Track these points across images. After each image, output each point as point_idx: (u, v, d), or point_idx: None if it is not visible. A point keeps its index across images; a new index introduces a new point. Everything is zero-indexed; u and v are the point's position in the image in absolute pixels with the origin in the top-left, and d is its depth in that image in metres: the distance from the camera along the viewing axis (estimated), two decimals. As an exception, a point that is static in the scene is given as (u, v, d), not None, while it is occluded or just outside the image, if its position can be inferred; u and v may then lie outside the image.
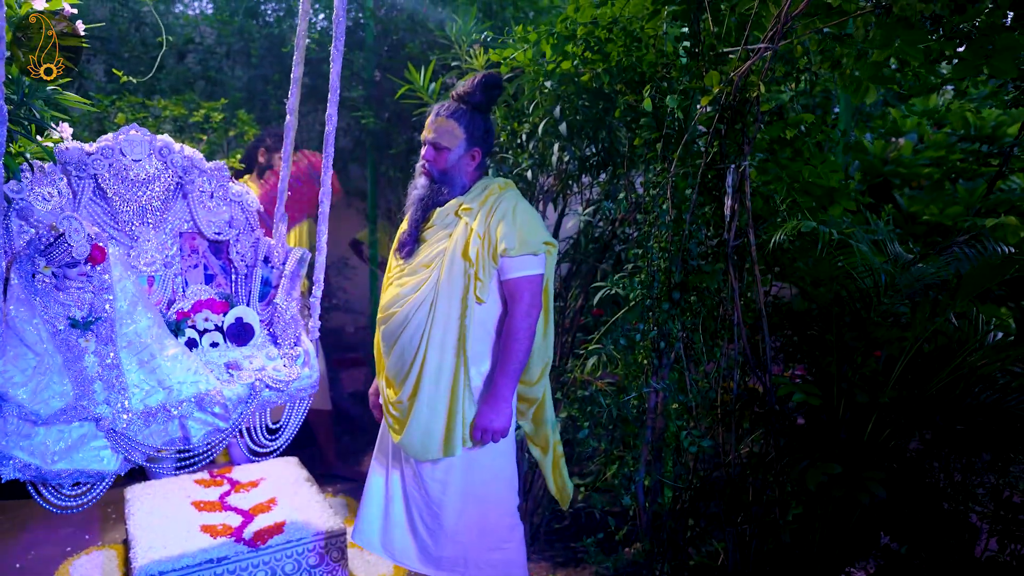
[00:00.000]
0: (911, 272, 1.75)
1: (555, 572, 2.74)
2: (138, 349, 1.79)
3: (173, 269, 2.15)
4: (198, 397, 1.82)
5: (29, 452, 1.61)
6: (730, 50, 1.82)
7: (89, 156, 1.95)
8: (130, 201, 2.03)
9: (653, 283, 1.98)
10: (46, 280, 1.73)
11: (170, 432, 1.80)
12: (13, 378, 1.59)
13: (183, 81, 4.21)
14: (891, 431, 1.89)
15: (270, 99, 4.42)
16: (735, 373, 1.98)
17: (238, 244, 2.21)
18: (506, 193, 1.98)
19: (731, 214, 1.90)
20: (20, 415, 1.59)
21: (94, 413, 1.68)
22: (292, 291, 2.15)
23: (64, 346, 1.71)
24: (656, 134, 1.98)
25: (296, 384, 2.00)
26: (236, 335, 2.13)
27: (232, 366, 2.02)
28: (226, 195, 2.18)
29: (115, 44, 3.99)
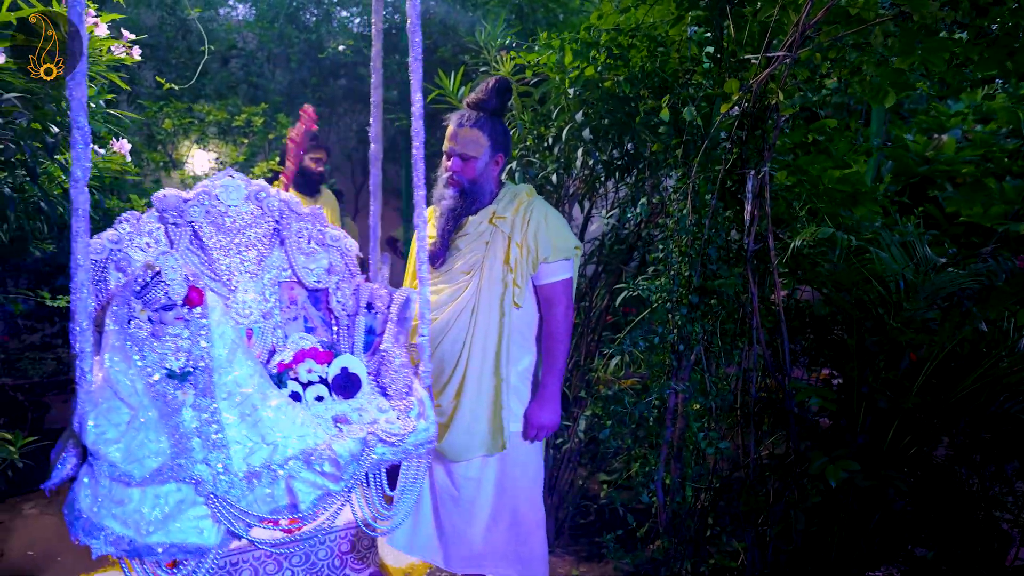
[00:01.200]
0: (932, 279, 1.74)
1: (578, 566, 2.79)
2: (239, 401, 1.63)
3: (272, 321, 2.00)
4: (305, 453, 1.61)
5: (122, 521, 1.42)
6: (750, 57, 1.84)
7: (186, 203, 1.88)
8: (227, 249, 1.94)
9: (673, 287, 2.01)
10: (142, 326, 1.61)
11: (276, 497, 1.58)
12: (106, 433, 1.43)
13: (226, 85, 4.39)
14: (912, 437, 1.89)
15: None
16: (754, 376, 2.00)
17: (338, 292, 2.07)
18: (535, 201, 2.04)
19: (751, 219, 1.92)
20: (112, 475, 1.42)
21: (192, 474, 1.49)
22: (399, 336, 1.97)
23: (160, 399, 1.55)
24: (676, 140, 2.01)
25: (412, 438, 1.74)
26: (342, 387, 1.92)
27: (340, 420, 1.80)
28: (323, 240, 2.06)
29: (163, 51, 4.18)
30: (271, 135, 4.06)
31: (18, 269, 3.32)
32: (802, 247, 1.77)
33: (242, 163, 3.88)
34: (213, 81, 4.25)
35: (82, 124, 1.37)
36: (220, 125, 3.98)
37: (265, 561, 2.42)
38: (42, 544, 2.82)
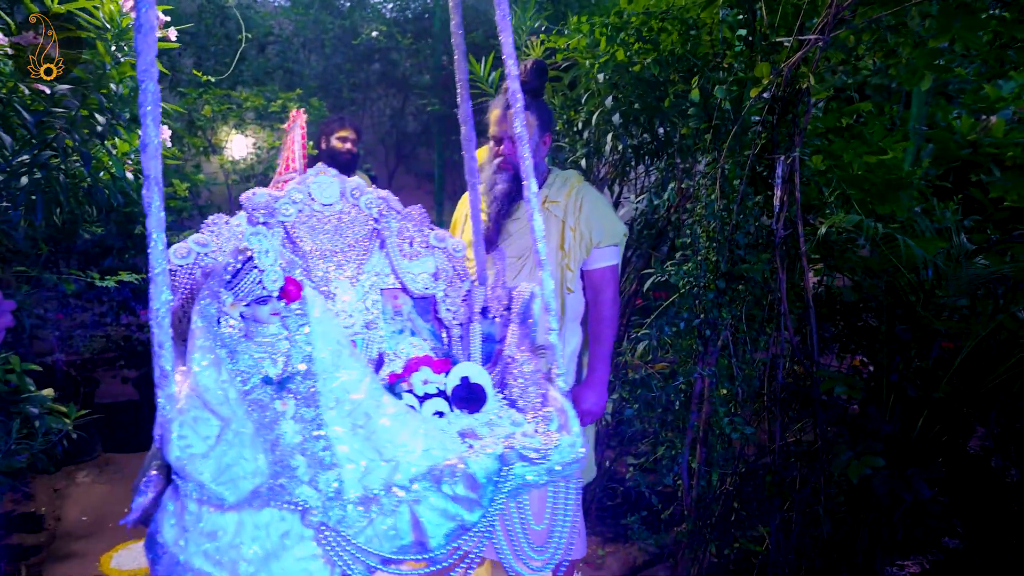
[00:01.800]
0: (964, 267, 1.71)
1: (604, 547, 2.84)
2: (348, 410, 1.37)
3: (376, 332, 1.74)
4: (434, 472, 1.29)
5: (215, 561, 1.14)
6: (782, 39, 1.81)
7: (276, 200, 1.71)
8: (324, 253, 1.73)
9: (700, 272, 2.01)
10: (233, 324, 1.39)
11: (400, 530, 1.25)
12: (192, 447, 1.18)
13: (263, 71, 4.47)
14: (942, 427, 1.86)
15: (342, 87, 4.64)
16: (780, 363, 2.00)
17: (447, 299, 1.80)
18: (585, 186, 2.06)
19: (780, 205, 1.90)
20: (201, 498, 1.16)
21: (296, 498, 1.21)
22: (526, 340, 1.67)
23: (256, 409, 1.31)
24: (705, 124, 2.00)
25: (557, 456, 1.38)
26: (464, 399, 1.59)
27: (468, 435, 1.46)
28: (427, 240, 1.82)
29: (203, 38, 4.28)
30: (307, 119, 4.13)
31: (69, 251, 3.47)
32: (830, 234, 1.75)
33: (279, 148, 3.97)
34: (251, 67, 4.34)
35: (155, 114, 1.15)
36: (257, 111, 4.07)
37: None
38: (94, 510, 2.99)
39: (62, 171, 2.03)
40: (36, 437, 2.32)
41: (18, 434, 2.30)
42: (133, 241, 3.57)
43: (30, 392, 2.49)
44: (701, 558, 2.32)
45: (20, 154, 1.97)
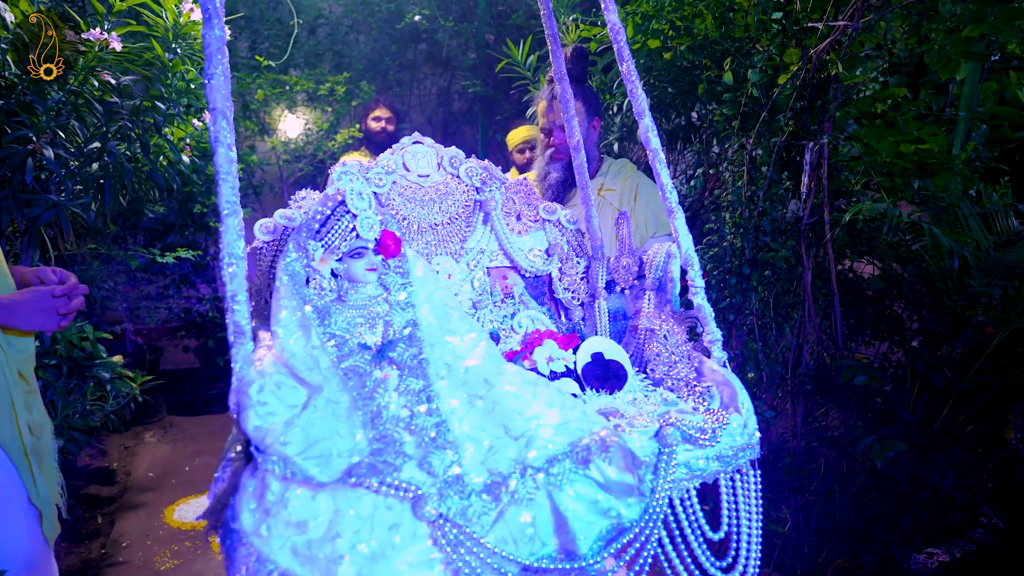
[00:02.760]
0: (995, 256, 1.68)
1: (631, 521, 2.93)
2: (463, 379, 1.12)
3: (487, 314, 1.51)
4: (576, 449, 0.99)
5: (305, 559, 0.87)
6: (813, 25, 1.80)
7: (368, 171, 1.47)
8: (423, 227, 1.51)
9: (725, 257, 2.03)
10: (324, 284, 1.22)
11: (539, 530, 0.95)
12: (275, 413, 0.97)
13: (314, 54, 4.61)
14: (968, 416, 1.86)
15: (388, 68, 4.74)
16: (804, 349, 2.02)
17: (564, 278, 1.59)
18: (640, 175, 2.08)
19: (807, 191, 1.91)
20: (285, 475, 0.91)
21: (404, 481, 0.94)
22: (665, 306, 1.42)
23: (353, 379, 1.09)
24: (733, 111, 2.00)
25: (728, 438, 1.11)
26: (600, 378, 1.30)
27: (611, 415, 1.15)
28: (536, 214, 1.60)
29: (256, 23, 4.44)
30: (354, 102, 4.26)
31: (135, 227, 3.73)
32: (856, 221, 1.75)
33: (327, 130, 4.12)
34: (302, 50, 4.48)
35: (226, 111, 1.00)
36: (308, 93, 4.22)
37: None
38: (159, 467, 3.26)
39: (126, 157, 2.20)
40: (107, 399, 2.55)
41: (92, 396, 2.54)
42: (192, 219, 3.79)
43: (102, 358, 2.72)
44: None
45: (91, 141, 2.15)
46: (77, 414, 2.36)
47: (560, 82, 1.51)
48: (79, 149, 2.12)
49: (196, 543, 2.64)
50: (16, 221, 2.12)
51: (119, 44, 2.03)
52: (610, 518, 0.97)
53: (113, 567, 2.48)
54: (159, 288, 3.81)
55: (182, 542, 2.64)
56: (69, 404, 2.32)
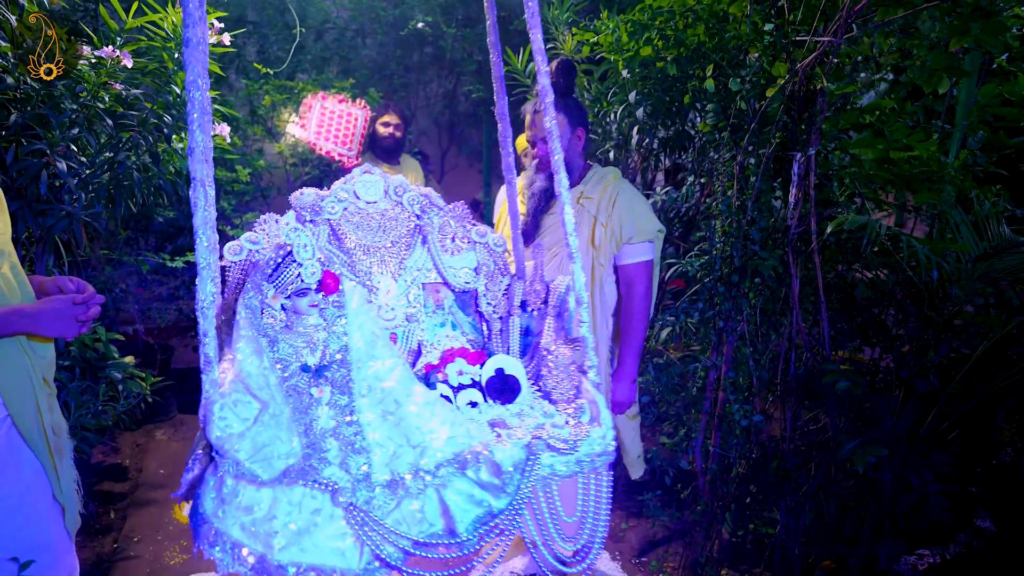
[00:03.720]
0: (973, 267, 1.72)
1: (627, 521, 2.98)
2: (379, 397, 1.41)
3: (419, 324, 1.80)
4: (459, 458, 1.33)
5: (249, 532, 1.20)
6: (800, 40, 1.84)
7: (323, 200, 1.77)
8: (367, 248, 1.79)
9: (714, 265, 2.08)
10: (275, 315, 1.49)
11: (428, 516, 1.29)
12: (231, 426, 1.24)
13: (321, 58, 4.69)
14: (952, 423, 1.90)
15: (394, 73, 4.81)
16: (792, 355, 2.06)
17: (488, 294, 1.84)
18: (621, 183, 2.12)
19: (795, 201, 1.95)
20: (237, 474, 1.22)
21: (326, 478, 1.27)
22: (561, 332, 1.69)
23: (294, 394, 1.39)
24: (723, 123, 2.05)
25: (587, 447, 1.38)
26: (498, 391, 1.62)
27: (498, 425, 1.48)
28: (468, 236, 1.85)
29: (265, 27, 4.52)
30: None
31: (147, 230, 3.83)
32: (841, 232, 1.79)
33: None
34: (308, 54, 4.56)
35: (195, 97, 1.20)
36: (315, 97, 4.30)
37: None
38: (170, 464, 3.35)
39: (136, 166, 2.28)
40: (119, 399, 2.64)
41: (104, 396, 2.63)
42: (202, 223, 3.87)
43: (114, 359, 2.82)
44: (714, 538, 2.43)
45: (102, 152, 2.23)
46: (90, 414, 2.45)
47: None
48: (91, 160, 2.20)
49: (204, 539, 2.73)
50: (31, 229, 2.21)
51: (130, 61, 2.11)
52: (483, 507, 1.29)
53: (125, 561, 2.57)
54: (170, 289, 3.91)
55: (191, 537, 2.73)
56: (82, 404, 2.41)
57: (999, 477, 2.23)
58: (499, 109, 1.84)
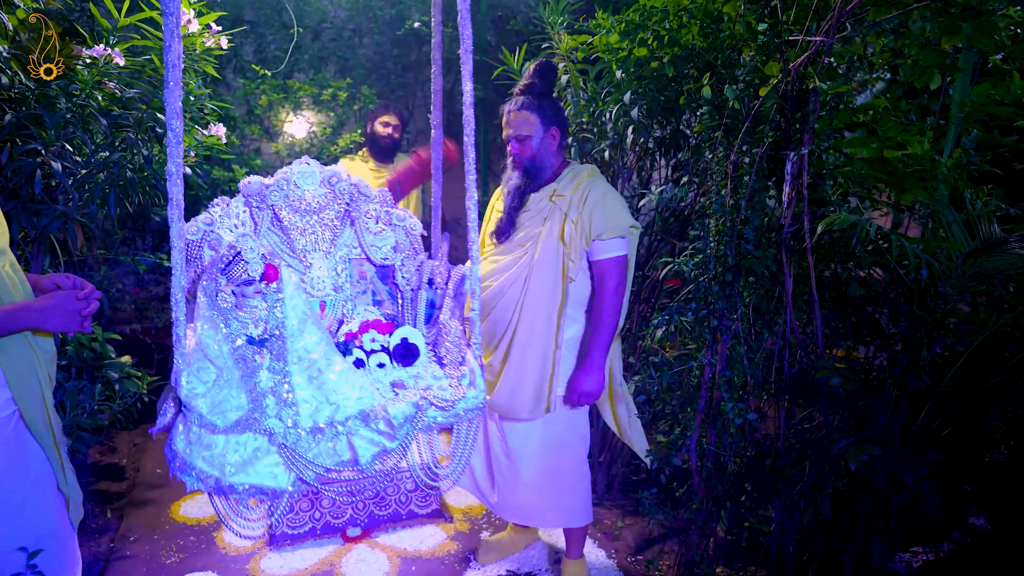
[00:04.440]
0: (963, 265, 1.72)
1: (624, 519, 2.99)
2: (307, 365, 1.81)
3: (344, 294, 2.22)
4: (363, 413, 1.79)
5: (209, 463, 1.65)
6: (792, 39, 1.84)
7: (267, 187, 2.10)
8: (303, 230, 2.16)
9: (708, 264, 2.09)
10: (227, 299, 1.88)
11: (338, 452, 1.76)
12: (196, 389, 1.65)
13: (318, 58, 4.68)
14: (944, 421, 1.90)
15: (391, 72, 4.80)
16: (787, 353, 2.07)
17: (403, 268, 2.25)
18: (595, 180, 2.16)
19: (788, 201, 1.95)
20: (200, 424, 1.65)
21: (265, 426, 1.70)
22: (455, 310, 2.14)
23: (241, 361, 1.79)
24: (717, 121, 2.05)
25: (463, 404, 1.91)
26: (402, 356, 2.09)
27: (397, 385, 1.98)
28: (390, 220, 2.25)
29: (262, 27, 4.52)
30: (356, 106, 4.32)
31: (144, 230, 3.83)
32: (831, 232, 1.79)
33: (329, 135, 4.19)
34: (306, 54, 4.55)
35: (175, 127, 1.55)
36: (312, 97, 4.30)
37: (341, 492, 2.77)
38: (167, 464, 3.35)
39: (130, 167, 2.28)
40: (115, 399, 2.64)
41: (100, 396, 2.63)
42: (199, 222, 3.88)
43: (111, 358, 2.82)
44: (710, 536, 2.44)
45: (97, 152, 2.23)
46: (85, 413, 2.45)
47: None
48: (86, 160, 2.20)
49: (200, 538, 2.73)
50: (26, 229, 2.21)
51: (122, 59, 2.11)
52: (379, 447, 1.79)
53: (121, 560, 2.57)
54: (167, 289, 3.91)
55: (187, 537, 2.73)
56: (78, 404, 2.41)
57: (993, 475, 2.24)
58: (434, 119, 2.25)
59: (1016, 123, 2.62)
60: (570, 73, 2.69)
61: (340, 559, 2.61)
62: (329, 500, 2.77)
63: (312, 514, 2.75)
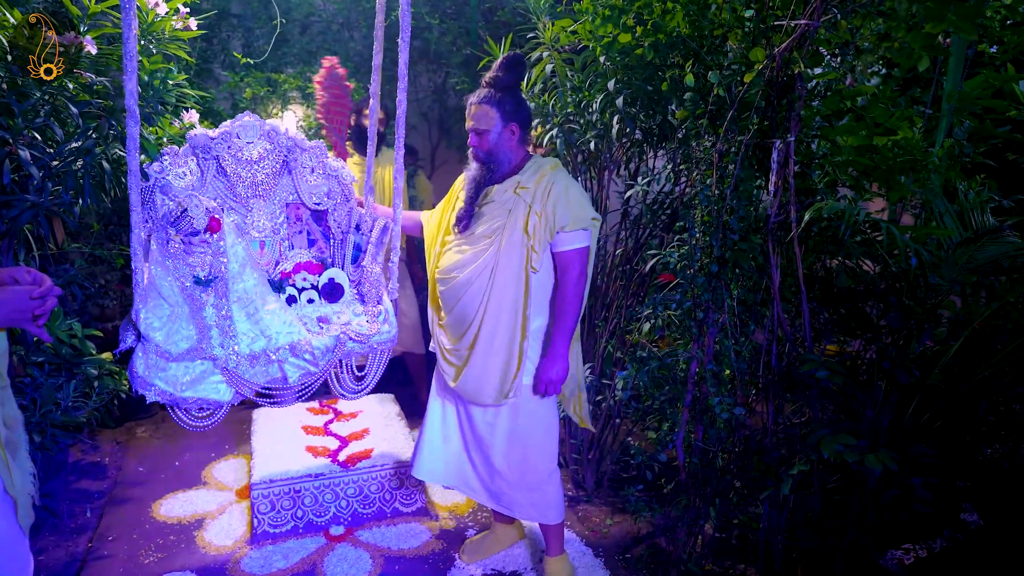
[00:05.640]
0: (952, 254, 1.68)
1: (612, 517, 2.94)
2: (245, 303, 2.16)
3: (280, 235, 2.51)
4: (292, 345, 2.18)
5: (165, 382, 2.05)
6: (777, 24, 1.79)
7: (212, 140, 2.30)
8: (245, 178, 2.39)
9: (693, 256, 2.04)
10: (176, 246, 2.16)
11: (271, 373, 2.19)
12: (152, 323, 2.02)
13: (307, 52, 4.62)
14: (933, 414, 1.86)
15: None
16: (774, 347, 2.02)
17: (335, 213, 2.54)
18: (558, 173, 2.17)
19: (775, 190, 1.91)
20: (156, 352, 2.02)
21: (211, 354, 2.09)
22: (377, 256, 2.47)
23: (190, 299, 2.11)
24: (702, 110, 2.00)
25: (376, 338, 2.33)
26: (329, 293, 2.46)
27: (323, 320, 2.36)
28: (325, 170, 2.50)
29: (249, 20, 4.46)
30: (343, 100, 4.26)
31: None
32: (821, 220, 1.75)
33: (316, 127, 4.13)
34: (294, 48, 4.50)
35: (132, 109, 1.71)
36: (300, 90, 4.24)
37: (323, 490, 2.74)
38: (150, 462, 3.31)
39: (104, 157, 2.23)
40: (92, 396, 2.59)
41: (78, 393, 2.58)
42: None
43: (91, 355, 2.77)
44: (697, 533, 2.39)
45: (69, 142, 2.18)
46: (59, 411, 2.40)
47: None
48: (58, 150, 2.15)
49: (180, 537, 2.68)
50: (-4, 221, 2.15)
51: (94, 47, 2.06)
52: (304, 370, 2.23)
53: (98, 560, 2.52)
54: (152, 285, 3.85)
55: (167, 536, 2.68)
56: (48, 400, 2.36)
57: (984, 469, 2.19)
58: (373, 89, 2.50)
59: (1009, 114, 2.58)
60: (555, 62, 2.64)
61: (322, 558, 2.56)
62: (312, 498, 2.72)
63: (294, 512, 2.70)
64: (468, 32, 4.48)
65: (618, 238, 3.01)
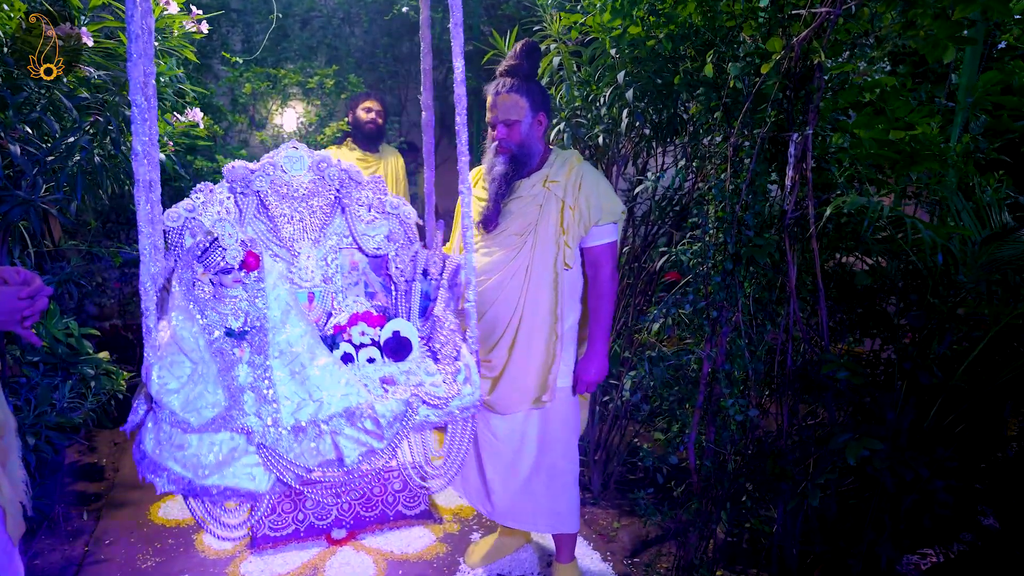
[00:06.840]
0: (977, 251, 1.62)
1: (620, 520, 2.88)
2: (289, 359, 1.70)
3: (333, 286, 2.09)
4: (348, 411, 1.67)
5: (182, 464, 1.54)
6: (796, 12, 1.74)
7: (252, 173, 1.99)
8: (291, 217, 2.04)
9: (707, 253, 1.98)
10: (205, 288, 1.72)
11: (322, 451, 1.65)
12: (168, 384, 1.55)
13: (307, 47, 4.56)
14: (957, 416, 1.80)
15: (381, 62, 4.69)
16: (790, 346, 1.96)
17: (397, 258, 2.13)
18: (584, 166, 2.09)
19: (791, 185, 1.85)
20: (172, 422, 1.53)
21: (243, 424, 1.59)
22: (452, 302, 2.04)
23: (219, 355, 1.65)
24: (716, 103, 1.94)
25: (457, 402, 1.81)
26: (393, 350, 1.98)
27: (388, 381, 1.86)
28: (383, 208, 2.13)
29: (250, 16, 4.40)
30: (344, 95, 4.21)
31: (128, 222, 3.71)
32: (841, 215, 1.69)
33: (316, 123, 4.08)
34: (294, 43, 4.44)
35: (140, 103, 1.47)
36: (300, 85, 4.19)
37: (326, 493, 2.68)
38: (148, 464, 3.25)
39: (100, 153, 2.17)
40: (89, 396, 2.53)
41: (75, 393, 2.52)
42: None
43: (88, 354, 2.71)
44: (708, 537, 2.33)
45: (64, 137, 2.12)
46: (54, 411, 2.34)
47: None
48: (53, 146, 2.09)
49: (179, 541, 2.62)
50: (-11, 218, 2.10)
51: (90, 40, 2.00)
52: (366, 447, 1.68)
53: (95, 564, 2.47)
54: (151, 284, 3.79)
55: (165, 540, 2.63)
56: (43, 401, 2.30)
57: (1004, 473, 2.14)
58: (425, 100, 2.26)
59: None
60: (562, 55, 2.58)
61: (324, 562, 2.50)
62: (313, 501, 2.67)
63: (295, 515, 2.64)
64: (471, 27, 4.42)
65: (625, 235, 2.95)
